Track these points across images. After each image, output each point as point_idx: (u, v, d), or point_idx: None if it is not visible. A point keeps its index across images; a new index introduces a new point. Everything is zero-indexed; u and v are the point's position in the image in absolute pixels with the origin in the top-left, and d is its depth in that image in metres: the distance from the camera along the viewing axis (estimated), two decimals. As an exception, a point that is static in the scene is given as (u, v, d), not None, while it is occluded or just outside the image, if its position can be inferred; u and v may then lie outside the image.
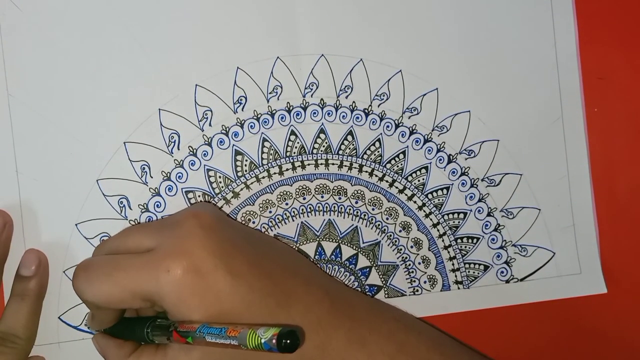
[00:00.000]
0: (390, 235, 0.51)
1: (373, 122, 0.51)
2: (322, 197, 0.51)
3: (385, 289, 0.51)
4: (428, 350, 0.46)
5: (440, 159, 0.52)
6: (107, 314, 0.45)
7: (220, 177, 0.50)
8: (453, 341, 0.50)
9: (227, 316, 0.41)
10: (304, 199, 0.51)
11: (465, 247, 0.52)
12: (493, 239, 0.52)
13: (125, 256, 0.43)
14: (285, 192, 0.50)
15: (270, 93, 0.50)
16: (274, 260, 0.45)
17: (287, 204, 0.50)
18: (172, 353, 0.43)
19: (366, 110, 0.51)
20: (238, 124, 0.50)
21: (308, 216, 0.51)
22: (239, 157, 0.50)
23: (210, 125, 0.49)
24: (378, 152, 0.51)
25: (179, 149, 0.49)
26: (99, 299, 0.42)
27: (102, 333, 0.47)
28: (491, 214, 0.52)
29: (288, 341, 0.36)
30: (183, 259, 0.41)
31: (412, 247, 0.52)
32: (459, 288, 0.52)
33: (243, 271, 0.42)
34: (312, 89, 0.50)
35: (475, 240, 0.52)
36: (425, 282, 0.52)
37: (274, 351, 0.36)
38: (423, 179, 0.51)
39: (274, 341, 0.36)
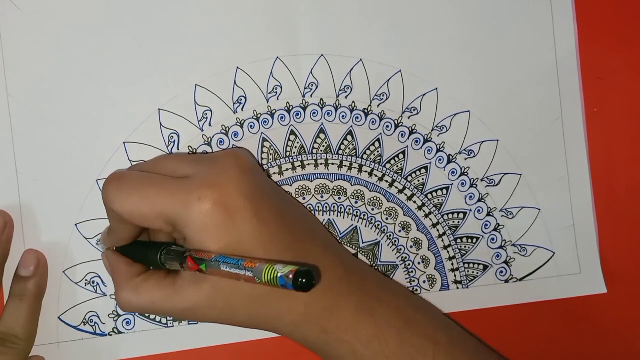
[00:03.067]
0: (390, 235, 0.51)
1: (373, 122, 0.51)
2: (322, 197, 0.51)
3: (385, 289, 0.51)
4: (435, 330, 0.46)
5: (440, 159, 0.52)
6: (126, 230, 0.44)
7: (220, 177, 0.50)
8: (458, 326, 0.50)
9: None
10: (304, 199, 0.51)
11: (465, 247, 0.52)
12: (493, 239, 0.52)
13: (161, 176, 0.43)
14: (285, 192, 0.50)
15: (270, 93, 0.50)
16: (297, 218, 0.46)
17: (286, 204, 0.50)
18: (182, 282, 0.42)
19: (366, 110, 0.51)
20: (238, 124, 0.50)
21: (308, 216, 0.51)
22: (238, 157, 0.50)
23: (210, 125, 0.49)
24: (378, 152, 0.51)
25: (178, 149, 0.49)
26: (125, 211, 0.42)
27: (113, 250, 0.47)
28: (491, 214, 0.52)
29: (304, 280, 0.35)
30: (216, 191, 0.41)
31: (411, 247, 0.52)
32: (458, 288, 0.52)
33: (268, 219, 0.42)
34: (311, 89, 0.50)
35: (474, 240, 0.52)
36: (424, 281, 0.52)
37: (287, 288, 0.35)
38: (423, 179, 0.52)
39: (290, 276, 0.35)
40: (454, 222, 0.52)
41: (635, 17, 0.53)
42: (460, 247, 0.52)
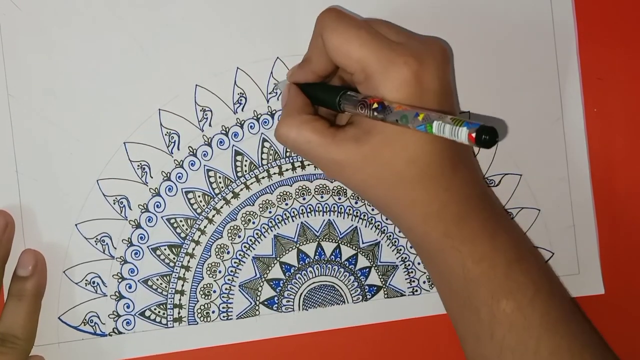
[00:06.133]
0: (390, 236, 0.51)
1: (373, 122, 0.51)
2: (322, 197, 0.51)
3: (385, 289, 0.51)
4: (540, 278, 0.46)
5: (440, 160, 0.51)
6: (320, 64, 0.46)
7: (220, 177, 0.50)
8: (563, 286, 0.52)
9: None
10: (304, 199, 0.51)
11: (465, 247, 0.52)
12: (492, 239, 0.52)
13: (376, 30, 0.44)
14: (285, 193, 0.50)
15: (270, 93, 0.50)
16: None
17: (287, 204, 0.50)
18: (343, 135, 0.44)
19: (366, 111, 0.51)
20: (238, 124, 0.50)
21: (308, 216, 0.51)
22: (238, 158, 0.50)
23: (210, 125, 0.49)
24: (378, 152, 0.51)
25: (179, 149, 0.49)
26: (334, 42, 0.43)
27: (295, 85, 0.48)
28: (491, 215, 0.52)
29: (487, 137, 0.36)
30: (420, 64, 0.42)
31: (411, 247, 0.52)
32: (458, 288, 0.52)
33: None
34: (312, 89, 0.50)
35: (474, 241, 0.52)
36: (424, 282, 0.52)
37: (469, 140, 0.36)
38: (423, 180, 0.51)
39: (478, 127, 0.36)
40: (454, 222, 0.52)
41: (635, 17, 0.53)
42: (460, 247, 0.52)
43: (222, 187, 0.50)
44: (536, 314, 0.45)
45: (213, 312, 0.50)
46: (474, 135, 0.36)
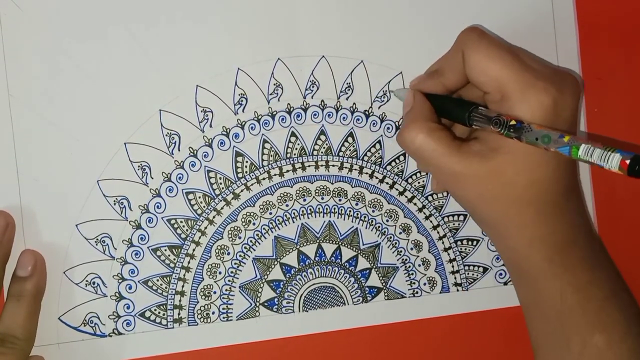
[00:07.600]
0: (391, 237, 0.51)
1: (374, 123, 0.51)
2: (323, 198, 0.51)
3: (385, 291, 0.51)
4: (630, 310, 0.46)
5: (441, 161, 0.51)
6: (452, 78, 0.46)
7: (220, 178, 0.50)
8: None
9: None
10: (304, 200, 0.51)
11: (465, 249, 0.52)
12: (493, 241, 0.52)
13: (518, 55, 0.44)
14: (285, 194, 0.50)
15: (270, 94, 0.50)
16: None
17: (287, 205, 0.50)
18: (467, 149, 0.44)
19: (367, 112, 0.51)
20: (239, 125, 0.50)
21: (308, 218, 0.51)
22: (239, 159, 0.50)
23: (210, 126, 0.49)
24: (379, 153, 0.51)
25: (179, 150, 0.49)
26: (474, 59, 0.44)
27: (421, 92, 0.48)
28: (491, 216, 0.52)
29: (638, 167, 0.35)
30: (558, 94, 0.43)
31: (412, 249, 0.52)
32: (457, 290, 0.52)
33: None
34: (312, 90, 0.50)
35: (475, 243, 0.52)
36: (425, 284, 0.52)
37: (622, 165, 0.36)
38: (423, 181, 0.51)
39: (633, 155, 0.36)
40: (454, 224, 0.52)
41: (635, 17, 0.53)
42: (461, 249, 0.52)
43: (223, 188, 0.50)
44: (625, 352, 0.45)
45: (213, 313, 0.50)
46: (627, 162, 0.35)
